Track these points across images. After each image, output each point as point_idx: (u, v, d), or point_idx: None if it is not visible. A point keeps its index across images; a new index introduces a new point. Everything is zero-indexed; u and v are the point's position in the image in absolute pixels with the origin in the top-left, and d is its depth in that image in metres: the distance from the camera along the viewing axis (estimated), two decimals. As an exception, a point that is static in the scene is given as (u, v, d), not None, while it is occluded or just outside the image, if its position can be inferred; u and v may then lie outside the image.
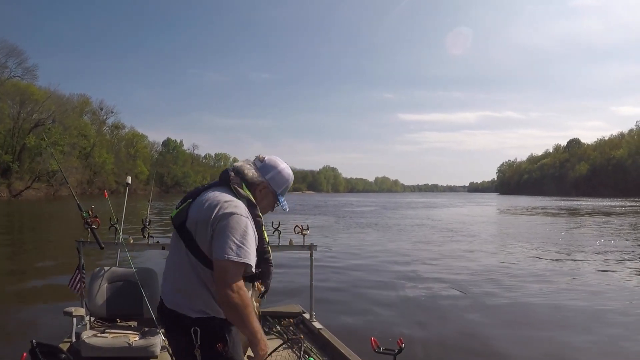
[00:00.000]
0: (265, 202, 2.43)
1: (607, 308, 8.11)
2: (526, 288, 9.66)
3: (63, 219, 28.03)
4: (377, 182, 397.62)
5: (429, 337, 6.50)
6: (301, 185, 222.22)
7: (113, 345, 3.87)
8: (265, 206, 2.43)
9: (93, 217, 4.34)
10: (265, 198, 2.41)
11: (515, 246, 16.71)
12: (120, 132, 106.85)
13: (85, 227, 4.30)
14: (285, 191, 2.49)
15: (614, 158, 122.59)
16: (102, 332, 4.08)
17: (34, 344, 3.36)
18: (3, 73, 72.32)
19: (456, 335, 6.65)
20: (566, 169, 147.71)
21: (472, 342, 6.34)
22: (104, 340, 3.91)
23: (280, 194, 2.44)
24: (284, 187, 2.45)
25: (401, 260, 13.47)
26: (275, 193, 2.42)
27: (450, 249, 16.01)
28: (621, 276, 11.16)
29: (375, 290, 9.27)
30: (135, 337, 4.02)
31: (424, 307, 8.14)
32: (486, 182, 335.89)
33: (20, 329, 6.65)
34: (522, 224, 27.89)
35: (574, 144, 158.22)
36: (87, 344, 3.84)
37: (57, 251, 14.77)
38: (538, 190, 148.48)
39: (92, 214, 4.36)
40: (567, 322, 7.31)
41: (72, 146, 78.25)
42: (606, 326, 7.08)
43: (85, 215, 4.29)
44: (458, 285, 9.80)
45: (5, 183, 66.71)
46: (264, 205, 2.43)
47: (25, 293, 9.26)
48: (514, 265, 12.52)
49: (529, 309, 8.07)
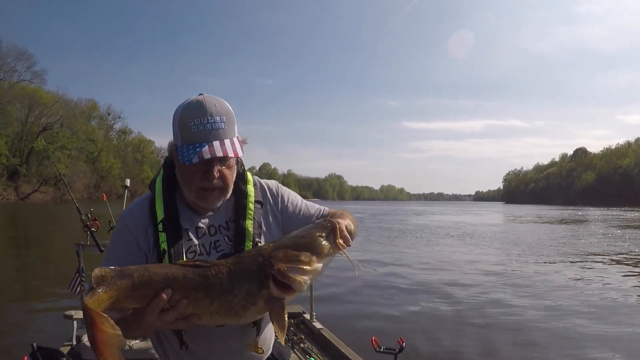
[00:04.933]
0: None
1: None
2: (531, 295, 9.56)
3: (67, 222, 28.14)
4: (382, 190, 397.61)
5: (429, 336, 6.53)
6: (307, 193, 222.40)
7: (113, 349, 3.86)
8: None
9: (92, 220, 4.35)
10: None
11: (520, 254, 16.59)
12: (127, 138, 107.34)
13: (85, 230, 4.31)
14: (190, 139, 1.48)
15: (621, 167, 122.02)
16: (103, 335, 4.06)
17: (34, 348, 3.36)
18: (12, 77, 73.03)
19: (457, 335, 6.69)
20: (573, 178, 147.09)
21: (472, 342, 6.38)
22: (104, 344, 3.89)
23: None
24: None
25: (401, 260, 13.43)
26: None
27: (454, 253, 15.94)
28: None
29: (375, 291, 9.27)
30: (136, 339, 4.00)
31: (424, 307, 8.17)
32: (492, 191, 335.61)
33: (21, 332, 6.67)
34: (533, 232, 27.72)
35: (581, 153, 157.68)
36: (87, 348, 3.82)
37: (58, 254, 14.80)
38: (544, 200, 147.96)
39: (91, 217, 4.37)
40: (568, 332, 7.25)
41: (79, 150, 78.68)
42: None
43: (84, 218, 4.31)
44: (459, 287, 9.79)
45: (13, 186, 67.11)
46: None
47: (26, 296, 9.29)
48: (518, 272, 12.43)
49: (532, 314, 7.99)
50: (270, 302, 1.29)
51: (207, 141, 1.44)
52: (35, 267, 12.65)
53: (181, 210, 1.59)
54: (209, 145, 1.43)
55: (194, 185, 1.51)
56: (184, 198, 1.61)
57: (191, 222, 1.59)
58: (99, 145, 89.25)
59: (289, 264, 1.27)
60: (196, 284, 1.26)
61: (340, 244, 1.36)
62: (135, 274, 1.24)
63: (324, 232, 1.36)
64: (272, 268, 1.27)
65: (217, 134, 1.46)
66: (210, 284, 1.26)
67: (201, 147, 1.43)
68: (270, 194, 1.71)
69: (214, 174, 1.48)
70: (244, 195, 1.63)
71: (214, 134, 1.45)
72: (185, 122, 1.47)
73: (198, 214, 1.61)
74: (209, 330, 1.52)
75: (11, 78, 72.77)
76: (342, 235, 1.37)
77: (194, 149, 1.43)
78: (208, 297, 1.26)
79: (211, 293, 1.26)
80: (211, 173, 1.48)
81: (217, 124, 1.46)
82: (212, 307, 1.27)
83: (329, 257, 1.36)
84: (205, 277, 1.27)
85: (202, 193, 1.52)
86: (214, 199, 1.54)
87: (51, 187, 71.87)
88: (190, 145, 1.44)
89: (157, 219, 1.55)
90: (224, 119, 1.49)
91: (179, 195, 1.62)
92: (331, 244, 1.35)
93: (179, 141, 1.50)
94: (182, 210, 1.60)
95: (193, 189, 1.52)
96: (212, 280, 1.27)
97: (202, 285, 1.26)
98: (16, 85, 71.83)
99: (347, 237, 1.39)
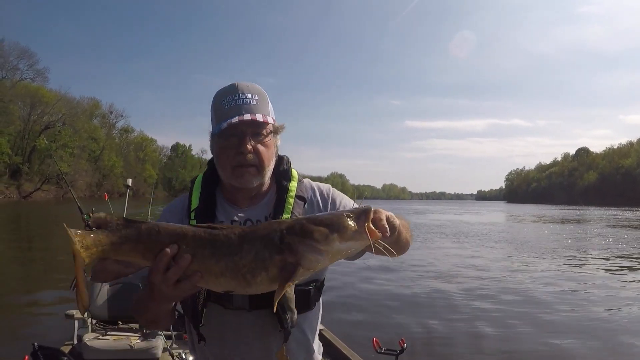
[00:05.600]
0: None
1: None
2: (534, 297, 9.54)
3: (69, 221, 28.00)
4: (384, 189, 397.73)
5: (431, 337, 6.54)
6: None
7: (115, 348, 3.88)
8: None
9: (93, 220, 4.33)
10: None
11: (521, 255, 16.58)
12: (130, 136, 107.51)
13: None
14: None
15: (623, 167, 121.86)
16: (104, 334, 4.08)
17: (35, 347, 3.37)
18: (14, 75, 73.15)
19: (459, 335, 6.69)
20: (575, 177, 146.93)
21: (474, 341, 6.38)
22: (105, 343, 3.92)
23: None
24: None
25: (402, 260, 13.40)
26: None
27: (455, 253, 15.94)
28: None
29: (376, 291, 9.26)
30: (137, 339, 4.02)
31: (426, 308, 8.18)
32: (494, 190, 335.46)
33: (22, 331, 6.68)
34: (534, 232, 27.70)
35: (583, 153, 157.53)
36: (88, 347, 3.84)
37: (59, 253, 14.81)
38: (546, 199, 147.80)
39: (92, 216, 4.35)
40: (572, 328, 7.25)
41: (81, 149, 78.81)
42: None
43: (86, 217, 4.30)
44: (460, 288, 9.77)
45: (15, 184, 67.28)
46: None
47: (27, 295, 9.30)
48: (519, 273, 12.41)
49: (534, 317, 7.97)
50: (282, 270, 1.18)
51: (238, 114, 1.45)
52: (36, 266, 12.69)
53: (219, 204, 1.60)
54: (239, 116, 1.44)
55: (228, 163, 1.50)
56: (224, 191, 1.63)
57: (227, 214, 1.59)
58: (101, 143, 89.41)
59: (303, 237, 1.18)
60: (204, 241, 1.21)
61: (370, 229, 1.18)
62: (143, 226, 1.21)
63: (355, 214, 1.21)
64: (282, 239, 1.19)
65: (249, 108, 1.47)
66: (219, 243, 1.21)
67: (231, 118, 1.44)
68: (320, 195, 1.67)
69: (247, 147, 1.46)
70: (285, 190, 1.60)
71: (245, 107, 1.47)
72: (218, 102, 1.51)
73: (236, 208, 1.61)
74: (230, 328, 1.52)
75: (13, 76, 72.97)
76: (378, 224, 1.21)
77: (224, 122, 1.44)
78: (214, 255, 1.20)
79: (218, 251, 1.20)
80: (244, 146, 1.46)
81: (249, 100, 1.48)
82: (218, 267, 1.20)
83: (354, 242, 1.20)
84: (214, 235, 1.22)
85: (237, 170, 1.50)
86: (250, 176, 1.51)
87: (53, 185, 72.02)
88: (222, 122, 1.45)
89: (192, 208, 1.58)
90: (256, 96, 1.50)
91: (219, 190, 1.63)
92: (359, 227, 1.19)
93: (214, 122, 1.52)
94: (220, 204, 1.61)
95: (228, 168, 1.51)
96: (222, 239, 1.21)
97: (209, 243, 1.21)
98: (18, 84, 71.92)
99: (385, 227, 1.22)
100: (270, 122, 1.50)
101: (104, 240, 1.16)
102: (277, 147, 1.59)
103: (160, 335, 4.10)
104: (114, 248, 1.18)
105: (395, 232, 1.29)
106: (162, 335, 4.14)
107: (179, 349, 4.22)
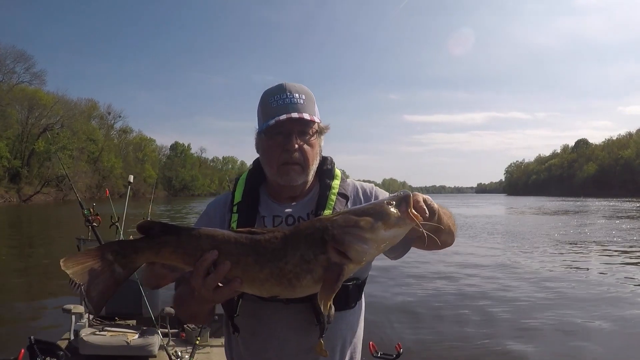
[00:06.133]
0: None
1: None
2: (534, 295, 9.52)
3: (68, 220, 28.17)
4: (384, 184, 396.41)
5: (427, 342, 6.45)
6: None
7: (111, 344, 3.90)
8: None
9: (94, 215, 4.37)
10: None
11: (521, 248, 16.62)
12: (128, 136, 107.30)
13: (86, 224, 4.32)
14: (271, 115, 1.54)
15: (622, 158, 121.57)
16: (101, 330, 4.11)
17: (32, 341, 3.41)
18: (11, 78, 73.00)
19: (455, 339, 6.58)
20: (574, 169, 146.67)
21: (471, 347, 6.29)
22: (102, 339, 3.95)
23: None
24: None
25: (403, 260, 13.40)
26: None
27: (454, 251, 15.91)
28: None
29: (373, 293, 9.22)
30: (134, 335, 4.05)
31: (423, 312, 8.04)
32: (494, 183, 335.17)
33: (19, 325, 6.70)
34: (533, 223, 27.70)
35: (582, 144, 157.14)
36: (85, 342, 3.87)
37: (59, 251, 14.82)
38: (546, 191, 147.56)
39: (93, 212, 4.38)
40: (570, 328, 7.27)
41: (80, 150, 78.66)
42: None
43: (86, 213, 4.32)
44: (460, 288, 9.73)
45: (15, 188, 67.19)
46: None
47: (26, 291, 9.32)
48: (519, 269, 12.46)
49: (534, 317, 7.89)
50: (328, 270, 1.16)
51: (285, 113, 1.49)
52: (36, 264, 12.71)
53: (262, 200, 1.64)
54: (287, 114, 1.48)
55: (274, 160, 1.54)
56: (268, 188, 1.67)
57: (270, 210, 1.62)
58: (100, 145, 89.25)
59: (349, 228, 1.16)
60: (246, 248, 1.20)
61: (412, 213, 1.18)
62: (183, 231, 1.21)
63: (396, 201, 1.21)
64: (327, 233, 1.17)
65: (296, 107, 1.51)
66: (262, 249, 1.19)
67: (279, 116, 1.48)
68: (362, 194, 1.69)
69: (294, 144, 1.50)
70: (328, 188, 1.63)
71: (292, 107, 1.51)
72: (266, 100, 1.56)
73: (280, 204, 1.63)
74: (265, 320, 1.52)
75: (10, 80, 72.83)
76: (416, 205, 1.21)
77: (272, 119, 1.49)
78: (258, 263, 1.19)
79: (261, 259, 1.18)
80: (291, 144, 1.50)
81: (296, 99, 1.52)
82: (262, 274, 1.18)
83: (398, 228, 1.19)
84: (256, 241, 1.21)
85: (283, 168, 1.53)
86: (295, 174, 1.54)
87: (53, 188, 71.93)
88: (270, 119, 1.50)
89: (234, 203, 1.62)
90: (303, 96, 1.55)
91: (263, 187, 1.67)
92: (401, 213, 1.18)
93: (261, 120, 1.56)
94: (264, 200, 1.64)
95: (274, 165, 1.54)
96: (264, 245, 1.20)
97: (252, 250, 1.20)
98: (15, 87, 71.80)
99: (423, 208, 1.23)
100: (316, 122, 1.55)
101: (143, 247, 1.19)
102: (321, 147, 1.64)
103: (157, 333, 4.12)
104: (153, 254, 1.20)
105: (435, 215, 1.31)
106: (159, 332, 4.16)
107: (175, 346, 4.25)
